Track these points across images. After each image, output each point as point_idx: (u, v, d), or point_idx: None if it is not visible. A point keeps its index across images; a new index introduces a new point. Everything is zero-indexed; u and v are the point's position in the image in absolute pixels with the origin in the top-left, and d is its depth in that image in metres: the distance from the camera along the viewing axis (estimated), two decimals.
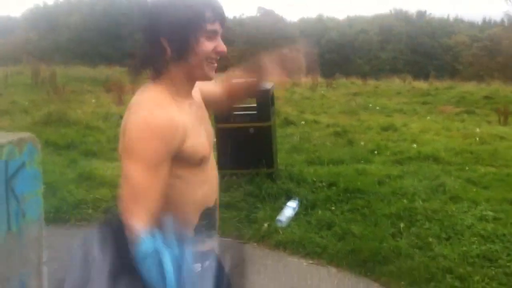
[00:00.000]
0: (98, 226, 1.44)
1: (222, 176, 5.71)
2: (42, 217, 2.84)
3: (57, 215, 5.03)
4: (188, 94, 1.63)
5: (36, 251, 2.72)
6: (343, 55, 55.50)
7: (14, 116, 10.45)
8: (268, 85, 6.19)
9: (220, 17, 1.53)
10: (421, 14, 63.23)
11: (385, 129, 9.83)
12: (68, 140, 7.92)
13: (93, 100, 13.08)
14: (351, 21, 63.19)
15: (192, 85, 1.63)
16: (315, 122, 10.78)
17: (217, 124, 5.56)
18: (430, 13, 64.25)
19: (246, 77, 1.87)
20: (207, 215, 1.64)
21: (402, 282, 3.80)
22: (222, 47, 1.56)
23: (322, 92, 18.63)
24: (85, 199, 5.39)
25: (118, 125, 6.77)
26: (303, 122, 10.61)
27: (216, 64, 1.59)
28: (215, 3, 1.53)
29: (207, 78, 1.59)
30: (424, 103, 15.93)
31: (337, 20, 65.90)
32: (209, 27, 1.50)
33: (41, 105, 11.75)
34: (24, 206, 2.60)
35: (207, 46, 1.52)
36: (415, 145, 7.91)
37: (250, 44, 52.41)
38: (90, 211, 5.18)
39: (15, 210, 2.52)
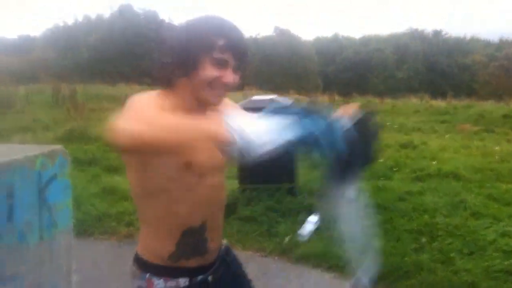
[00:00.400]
0: None
1: (242, 190, 5.81)
2: (72, 227, 2.93)
3: (81, 228, 5.10)
4: (193, 113, 1.58)
5: (66, 260, 2.79)
6: (358, 74, 55.62)
7: (36, 133, 10.63)
8: (287, 101, 6.27)
9: (233, 49, 1.50)
10: (437, 33, 63.27)
11: (404, 146, 9.81)
12: (90, 156, 8.04)
13: (113, 118, 13.24)
14: (366, 40, 63.40)
15: (200, 106, 1.59)
16: None
17: None
18: (446, 33, 64.28)
19: None
20: (191, 234, 1.64)
21: None
22: (229, 78, 1.52)
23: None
24: (108, 212, 5.47)
25: None
26: None
27: (221, 92, 1.54)
28: (233, 35, 1.51)
29: (208, 103, 1.56)
30: (442, 121, 15.89)
31: (353, 39, 66.18)
32: (217, 55, 1.48)
33: (62, 122, 11.95)
34: (56, 216, 2.67)
35: (211, 72, 1.49)
36: (434, 163, 7.90)
37: (266, 62, 52.82)
38: (113, 224, 5.25)
39: (47, 220, 2.60)
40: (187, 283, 1.65)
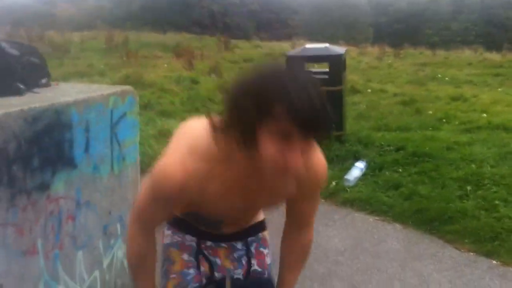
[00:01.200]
0: None
1: None
2: (139, 162, 3.21)
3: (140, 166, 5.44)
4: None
5: (133, 192, 3.08)
6: (412, 26, 53.85)
7: (93, 78, 11.01)
8: (340, 50, 6.34)
9: (300, 120, 1.08)
10: None
11: (454, 99, 9.67)
12: (145, 101, 8.34)
13: (165, 65, 13.52)
14: None
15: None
16: (382, 91, 10.76)
17: None
18: None
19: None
20: (204, 218, 1.62)
21: (466, 240, 3.95)
22: (294, 162, 1.13)
23: (389, 62, 18.35)
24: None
25: (189, 88, 7.12)
26: (369, 91, 10.62)
27: (289, 180, 1.30)
28: (298, 99, 1.08)
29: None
30: (496, 75, 15.39)
31: None
32: (275, 125, 1.10)
33: (116, 68, 12.30)
34: (125, 151, 2.95)
35: (271, 149, 1.13)
36: (485, 115, 7.82)
37: (316, 14, 51.79)
38: None
39: (117, 154, 2.87)
40: (193, 243, 1.71)
